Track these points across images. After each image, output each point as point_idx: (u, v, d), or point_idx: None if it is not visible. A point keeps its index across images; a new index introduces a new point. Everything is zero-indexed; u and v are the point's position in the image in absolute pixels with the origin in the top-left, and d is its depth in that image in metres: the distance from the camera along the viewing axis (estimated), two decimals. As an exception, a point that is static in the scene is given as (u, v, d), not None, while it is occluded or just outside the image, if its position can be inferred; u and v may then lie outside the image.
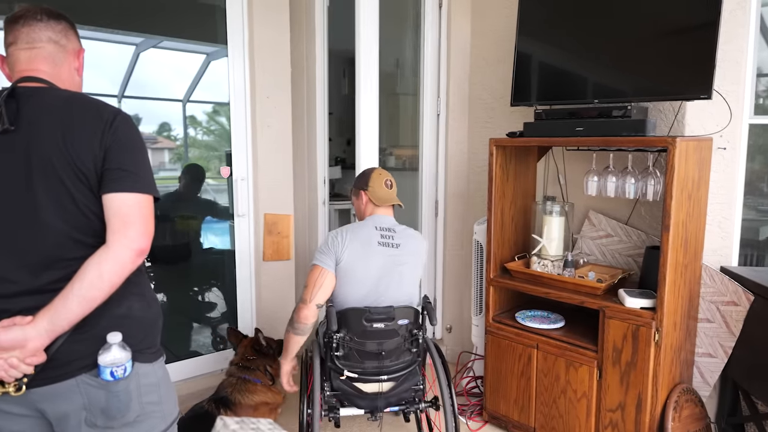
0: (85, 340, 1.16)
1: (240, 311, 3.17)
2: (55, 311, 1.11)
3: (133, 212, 1.16)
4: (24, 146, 1.15)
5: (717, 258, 2.39)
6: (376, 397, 2.07)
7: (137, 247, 1.16)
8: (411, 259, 2.13)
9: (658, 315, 2.07)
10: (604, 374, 2.23)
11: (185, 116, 2.99)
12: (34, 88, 1.22)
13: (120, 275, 1.15)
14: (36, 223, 1.15)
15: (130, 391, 1.20)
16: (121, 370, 1.16)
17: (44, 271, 1.16)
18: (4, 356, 1.09)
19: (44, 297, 1.13)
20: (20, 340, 1.09)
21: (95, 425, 1.19)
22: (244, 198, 3.09)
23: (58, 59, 1.28)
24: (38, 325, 1.11)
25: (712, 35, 2.00)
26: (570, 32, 2.43)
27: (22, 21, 1.24)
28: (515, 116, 3.05)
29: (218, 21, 2.97)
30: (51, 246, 1.16)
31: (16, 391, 1.13)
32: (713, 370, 2.39)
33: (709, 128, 2.34)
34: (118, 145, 1.17)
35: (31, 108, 1.17)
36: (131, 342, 1.19)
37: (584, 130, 2.26)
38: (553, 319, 2.53)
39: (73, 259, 1.16)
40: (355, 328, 1.98)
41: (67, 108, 1.18)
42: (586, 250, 2.75)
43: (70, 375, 1.16)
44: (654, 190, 2.24)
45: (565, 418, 2.36)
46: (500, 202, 2.60)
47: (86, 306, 1.13)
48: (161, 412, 1.29)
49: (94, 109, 1.19)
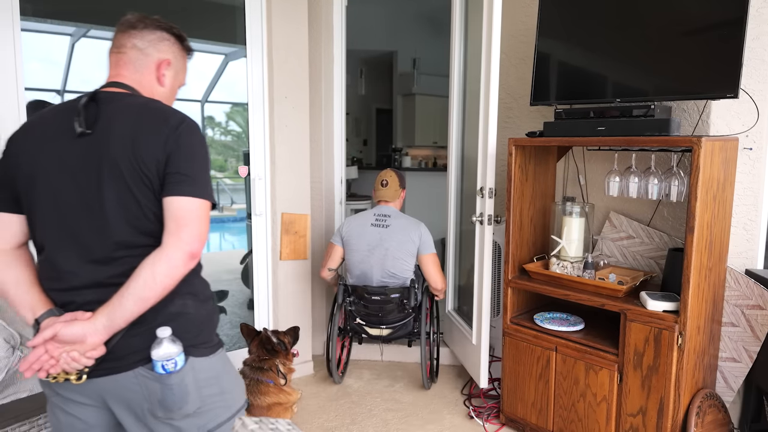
0: (141, 334, 1.20)
1: (256, 310, 3.18)
2: (112, 309, 1.16)
3: (189, 216, 1.20)
4: (97, 149, 1.20)
5: (742, 261, 2.34)
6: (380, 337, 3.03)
7: (189, 249, 1.19)
8: (397, 237, 2.88)
9: (682, 318, 2.03)
10: (624, 378, 2.19)
11: (203, 116, 3.01)
12: (115, 93, 1.27)
13: (172, 277, 1.19)
14: (102, 222, 1.20)
15: (186, 384, 1.23)
16: (172, 364, 1.20)
17: (106, 267, 1.21)
18: (66, 349, 1.15)
19: (105, 290, 1.18)
20: (80, 335, 1.15)
21: (156, 416, 1.24)
22: (261, 197, 3.10)
23: (139, 65, 1.32)
24: (97, 321, 1.16)
25: (739, 32, 1.96)
26: (592, 31, 2.39)
27: (121, 27, 1.32)
28: (534, 116, 3.02)
29: (237, 21, 2.98)
30: (114, 244, 1.21)
31: (77, 380, 1.19)
32: (737, 375, 2.34)
33: (735, 128, 2.29)
34: (179, 151, 1.21)
35: (108, 113, 1.23)
36: (186, 338, 1.24)
37: (606, 130, 2.22)
38: (572, 321, 2.49)
39: (132, 257, 1.20)
40: (360, 297, 2.90)
41: (139, 114, 1.23)
42: (606, 252, 2.71)
43: (128, 367, 1.22)
44: (678, 191, 2.19)
45: (584, 422, 2.33)
46: (519, 203, 2.58)
47: (141, 305, 1.17)
48: (224, 402, 1.33)
49: (163, 116, 1.24)
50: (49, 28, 2.46)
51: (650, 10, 2.19)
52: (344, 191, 3.66)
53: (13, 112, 2.31)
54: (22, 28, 2.32)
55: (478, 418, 2.76)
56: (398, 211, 3.01)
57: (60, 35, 2.52)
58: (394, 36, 7.17)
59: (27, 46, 2.36)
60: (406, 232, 2.90)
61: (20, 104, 2.33)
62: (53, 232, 1.24)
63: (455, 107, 3.29)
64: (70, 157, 1.22)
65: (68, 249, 1.23)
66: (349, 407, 2.90)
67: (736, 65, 1.97)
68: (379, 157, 8.57)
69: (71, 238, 1.22)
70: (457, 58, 3.24)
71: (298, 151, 3.18)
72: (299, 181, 3.20)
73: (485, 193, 2.69)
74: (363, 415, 2.81)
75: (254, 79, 3.02)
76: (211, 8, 2.93)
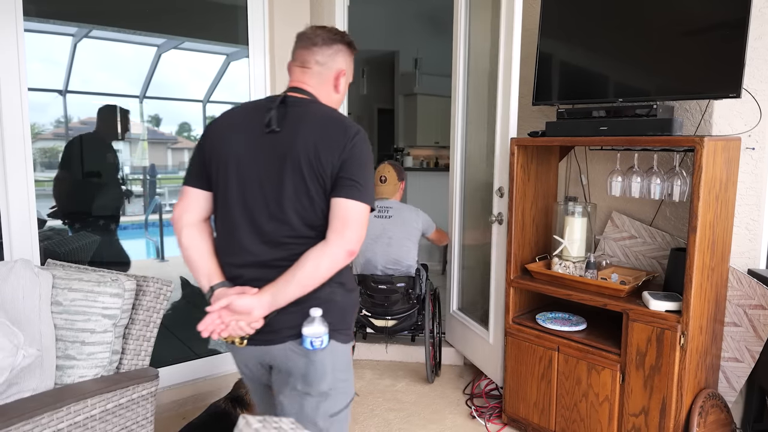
0: (293, 313, 1.37)
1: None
2: (277, 290, 1.34)
3: (353, 217, 1.35)
4: (284, 146, 1.37)
5: (744, 261, 2.34)
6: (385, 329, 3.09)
7: (350, 248, 1.35)
8: (400, 226, 3.04)
9: (684, 318, 2.03)
10: (627, 378, 2.19)
11: (205, 116, 3.02)
12: (300, 98, 1.45)
13: (332, 270, 1.36)
14: (279, 210, 1.38)
15: (326, 363, 1.40)
16: (319, 341, 1.36)
17: (275, 250, 1.39)
18: (235, 318, 1.35)
19: (269, 270, 1.37)
20: (249, 307, 1.33)
21: (296, 389, 1.41)
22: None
23: (321, 78, 1.49)
24: (263, 298, 1.34)
25: (742, 32, 1.96)
26: (594, 31, 2.39)
27: (302, 43, 1.50)
28: (536, 116, 3.02)
29: (239, 21, 2.98)
30: (285, 230, 1.38)
31: (240, 344, 1.41)
32: (739, 375, 2.33)
33: (737, 127, 2.29)
34: (352, 159, 1.36)
35: (294, 116, 1.40)
36: (330, 321, 1.39)
37: (608, 130, 2.22)
38: (574, 321, 2.49)
39: (297, 244, 1.37)
40: (366, 287, 2.97)
41: (323, 123, 1.40)
42: (608, 252, 2.70)
43: (281, 341, 1.40)
44: (680, 191, 2.19)
45: (586, 421, 2.33)
46: (521, 203, 2.57)
47: (301, 290, 1.35)
48: (345, 390, 1.48)
49: (342, 126, 1.39)
50: (51, 28, 2.47)
51: (652, 9, 2.19)
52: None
53: (17, 112, 2.32)
54: (25, 29, 2.33)
55: (480, 418, 2.76)
56: (398, 202, 3.18)
57: (62, 35, 2.53)
58: (395, 36, 7.17)
59: (29, 46, 2.37)
60: (409, 221, 3.08)
61: (23, 104, 2.33)
62: (237, 211, 1.41)
63: (459, 107, 3.29)
64: (259, 149, 1.39)
65: (247, 229, 1.40)
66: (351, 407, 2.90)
67: (739, 65, 1.96)
68: (381, 156, 8.57)
69: (251, 219, 1.40)
70: (462, 57, 3.24)
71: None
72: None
73: (504, 192, 2.71)
74: (365, 415, 2.81)
75: (256, 79, 3.02)
76: (213, 8, 2.93)
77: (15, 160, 2.33)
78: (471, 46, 3.25)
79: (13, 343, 1.61)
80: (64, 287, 1.91)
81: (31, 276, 1.87)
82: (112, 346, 1.92)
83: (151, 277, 2.07)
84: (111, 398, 1.82)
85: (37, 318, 1.83)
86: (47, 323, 1.85)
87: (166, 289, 2.07)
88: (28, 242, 2.40)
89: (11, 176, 2.33)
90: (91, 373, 1.88)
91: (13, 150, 2.33)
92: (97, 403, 1.77)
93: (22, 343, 1.62)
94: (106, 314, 1.89)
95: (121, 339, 1.97)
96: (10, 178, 2.32)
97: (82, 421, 1.74)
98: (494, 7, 3.08)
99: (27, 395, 1.73)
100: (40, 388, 1.78)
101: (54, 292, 1.91)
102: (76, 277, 1.93)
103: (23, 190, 2.36)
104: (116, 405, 1.84)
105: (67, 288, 1.91)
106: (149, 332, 2.04)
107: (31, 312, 1.82)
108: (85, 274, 1.95)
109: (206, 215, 1.50)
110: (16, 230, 2.36)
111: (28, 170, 2.37)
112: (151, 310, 2.04)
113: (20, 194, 2.36)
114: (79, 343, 1.87)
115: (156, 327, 2.07)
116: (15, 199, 2.35)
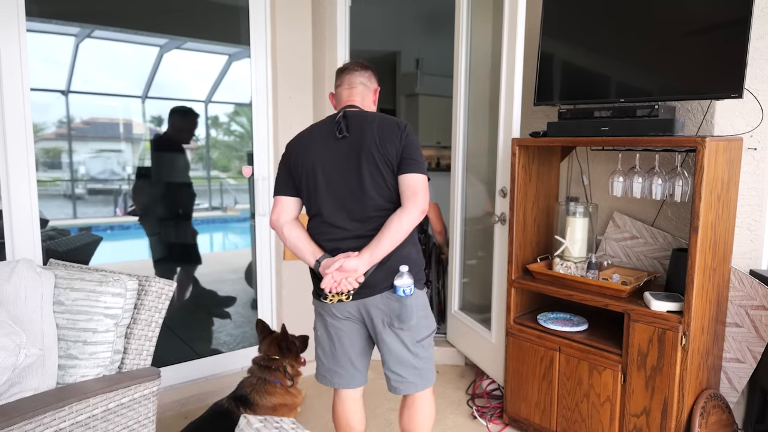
0: (383, 271, 1.83)
1: (260, 310, 3.19)
2: (373, 249, 1.78)
3: (419, 185, 1.80)
4: (356, 145, 1.83)
5: (746, 261, 2.34)
6: None
7: (422, 207, 1.78)
8: None
9: (686, 319, 2.02)
10: (628, 378, 2.19)
11: (207, 117, 3.02)
12: (354, 111, 1.92)
13: (411, 225, 1.79)
14: (362, 193, 1.82)
15: (412, 306, 1.86)
16: (408, 290, 1.82)
17: (364, 224, 1.84)
18: (344, 276, 1.78)
19: (362, 240, 1.82)
20: (354, 266, 1.77)
21: (392, 326, 1.88)
22: (265, 198, 3.11)
23: (365, 94, 2.01)
24: (363, 257, 1.78)
25: (744, 32, 1.96)
26: (595, 31, 2.39)
27: (346, 71, 2.01)
28: (537, 116, 3.02)
29: (241, 22, 2.99)
30: (369, 207, 1.83)
31: (347, 299, 1.86)
32: (741, 375, 2.33)
33: (739, 128, 2.29)
34: (408, 144, 1.83)
35: (357, 123, 1.87)
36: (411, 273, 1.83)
37: (610, 130, 2.22)
38: (575, 321, 2.49)
39: (380, 217, 1.82)
40: None
41: (379, 122, 1.85)
42: (610, 252, 2.70)
43: (378, 292, 1.85)
44: (682, 191, 2.19)
45: (587, 422, 2.33)
46: (522, 203, 2.57)
47: (392, 245, 1.79)
48: (427, 324, 1.97)
49: (395, 123, 1.85)
50: (53, 28, 2.47)
51: (654, 9, 2.19)
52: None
53: (19, 111, 2.33)
54: (27, 29, 2.33)
55: (481, 418, 2.76)
56: None
57: (64, 35, 2.53)
58: (396, 36, 7.16)
59: (31, 46, 2.37)
60: None
61: (26, 104, 2.34)
62: (329, 201, 1.86)
63: (461, 107, 3.29)
64: (337, 152, 1.85)
65: (339, 212, 1.85)
66: (352, 407, 2.90)
67: (741, 65, 1.96)
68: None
69: (341, 205, 1.85)
70: (464, 57, 3.24)
71: (301, 151, 3.18)
72: (303, 181, 3.21)
73: (507, 192, 2.72)
74: (367, 416, 2.81)
75: (258, 80, 3.03)
76: (215, 8, 2.94)
77: (17, 160, 2.34)
78: (473, 46, 3.25)
79: (16, 343, 1.61)
80: (66, 287, 1.92)
81: (34, 276, 1.88)
82: (114, 346, 1.92)
83: (153, 276, 2.07)
84: (113, 398, 1.82)
85: (39, 317, 1.83)
86: (49, 323, 1.86)
87: (168, 289, 2.08)
88: (30, 242, 2.40)
89: (13, 176, 2.33)
90: (93, 372, 1.88)
91: (15, 150, 2.33)
92: (99, 402, 1.78)
93: (24, 343, 1.63)
94: (108, 314, 1.90)
95: (123, 339, 1.97)
96: (12, 178, 2.33)
97: (84, 420, 1.74)
98: (496, 6, 3.08)
99: (29, 394, 1.73)
100: (42, 387, 1.78)
101: (56, 291, 1.92)
102: (78, 276, 1.94)
103: (25, 189, 2.37)
104: (118, 404, 1.84)
105: (69, 288, 1.91)
106: (151, 332, 2.05)
107: (34, 311, 1.83)
108: (87, 274, 1.95)
109: (296, 215, 1.95)
110: (18, 230, 2.37)
111: (30, 170, 2.37)
112: (153, 309, 2.04)
113: (22, 194, 2.36)
114: (81, 343, 1.87)
115: (158, 327, 2.07)
116: (17, 199, 2.36)
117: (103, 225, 2.85)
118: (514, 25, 2.61)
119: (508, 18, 2.66)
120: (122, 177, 2.86)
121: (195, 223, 3.09)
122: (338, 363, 2.01)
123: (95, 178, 2.80)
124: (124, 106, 2.77)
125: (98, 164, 2.80)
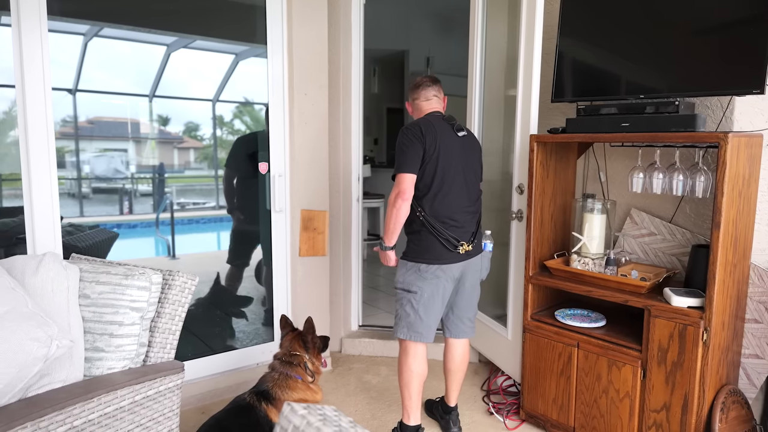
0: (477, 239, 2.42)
1: (276, 306, 3.20)
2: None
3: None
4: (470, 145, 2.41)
5: (765, 257, 2.34)
6: None
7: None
8: None
9: (707, 314, 2.03)
10: (648, 374, 2.19)
11: (215, 116, 3.02)
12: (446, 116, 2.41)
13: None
14: (476, 182, 2.42)
15: (488, 259, 2.52)
16: (491, 246, 2.51)
17: (474, 204, 2.39)
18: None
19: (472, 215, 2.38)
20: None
21: (476, 275, 2.46)
22: (281, 194, 3.12)
23: (440, 104, 2.46)
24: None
25: (765, 27, 1.96)
26: (613, 30, 2.40)
27: (421, 86, 2.44)
28: (552, 113, 3.02)
29: (257, 20, 3.00)
30: (477, 193, 2.41)
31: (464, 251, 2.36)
32: (760, 371, 2.33)
33: (758, 124, 2.29)
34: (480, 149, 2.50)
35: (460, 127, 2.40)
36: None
37: (630, 126, 2.22)
38: (594, 317, 2.50)
39: (479, 199, 2.42)
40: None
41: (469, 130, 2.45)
42: (627, 249, 2.71)
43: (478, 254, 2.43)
44: (704, 187, 2.19)
45: (606, 418, 2.33)
46: (540, 200, 2.58)
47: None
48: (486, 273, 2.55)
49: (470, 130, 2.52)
50: (62, 27, 2.47)
51: (673, 7, 2.19)
52: (361, 188, 3.68)
53: (41, 110, 2.35)
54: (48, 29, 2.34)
55: (498, 414, 2.77)
56: None
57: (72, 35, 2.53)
58: (405, 35, 7.16)
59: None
60: None
61: (47, 103, 2.36)
62: (458, 185, 2.31)
63: (476, 106, 3.29)
64: (458, 147, 2.32)
65: (465, 195, 2.34)
66: (368, 402, 2.91)
67: (762, 60, 1.97)
68: (390, 156, 8.57)
69: (467, 190, 2.34)
70: (479, 54, 3.24)
71: (317, 149, 3.20)
72: (318, 178, 3.22)
73: (524, 189, 2.73)
74: (383, 410, 2.82)
75: (275, 77, 3.04)
76: (229, 7, 2.95)
77: (39, 157, 2.36)
78: (487, 43, 3.25)
79: (48, 334, 1.63)
80: (91, 280, 1.93)
81: (60, 269, 1.90)
82: (139, 339, 1.94)
83: (177, 271, 2.09)
84: (140, 390, 1.84)
85: (66, 310, 1.85)
86: (76, 315, 1.88)
87: (191, 283, 2.09)
88: (51, 237, 2.42)
89: (35, 173, 2.35)
90: (120, 365, 1.90)
91: (37, 148, 2.35)
92: (126, 394, 1.79)
93: (56, 334, 1.64)
94: (133, 307, 1.91)
95: (147, 332, 1.99)
96: (34, 175, 2.35)
97: (112, 412, 1.75)
98: (512, 5, 3.09)
99: (58, 386, 1.75)
100: (70, 379, 1.80)
101: (81, 285, 1.93)
102: (103, 270, 1.96)
103: (47, 186, 2.39)
104: (144, 396, 1.85)
105: (94, 281, 1.93)
106: (174, 325, 2.06)
107: (60, 304, 1.85)
108: (112, 268, 1.97)
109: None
110: (40, 226, 2.39)
111: (51, 167, 2.39)
112: (177, 303, 2.06)
113: (44, 191, 2.38)
114: (108, 336, 1.89)
115: (181, 320, 2.08)
116: (39, 196, 2.37)
117: (110, 223, 2.86)
118: (532, 23, 2.61)
119: (525, 17, 2.67)
120: (126, 176, 2.86)
121: (203, 222, 3.13)
122: (435, 319, 2.39)
123: (100, 177, 2.79)
124: (131, 106, 2.77)
125: (102, 163, 2.80)
